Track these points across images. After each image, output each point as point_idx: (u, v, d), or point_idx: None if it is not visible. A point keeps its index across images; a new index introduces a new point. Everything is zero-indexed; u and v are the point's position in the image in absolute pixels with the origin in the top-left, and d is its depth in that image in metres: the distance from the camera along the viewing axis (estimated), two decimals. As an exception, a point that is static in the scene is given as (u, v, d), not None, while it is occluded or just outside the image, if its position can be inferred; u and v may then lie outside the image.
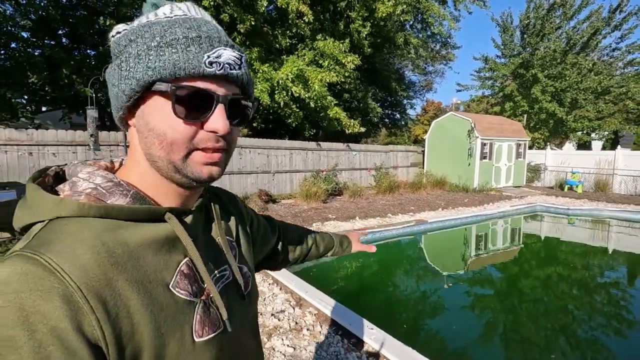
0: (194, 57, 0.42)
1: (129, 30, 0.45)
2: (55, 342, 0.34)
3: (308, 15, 8.66)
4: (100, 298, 0.38)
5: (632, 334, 3.55)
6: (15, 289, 0.34)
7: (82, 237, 0.40)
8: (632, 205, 9.04)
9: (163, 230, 0.47)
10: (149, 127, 0.45)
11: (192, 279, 0.48)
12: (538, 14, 14.66)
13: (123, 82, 0.44)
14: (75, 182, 0.46)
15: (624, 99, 14.42)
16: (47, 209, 0.42)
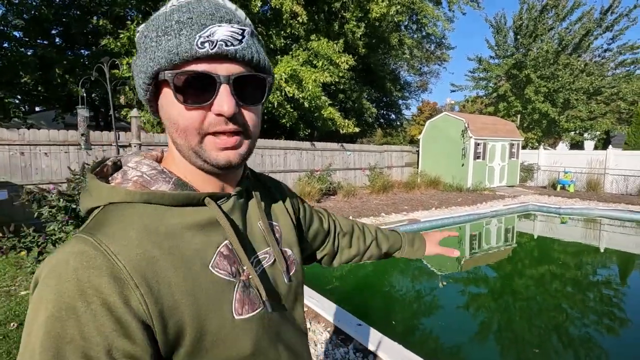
0: (185, 40, 0.42)
1: (145, 26, 0.47)
2: (107, 314, 0.38)
3: (302, 16, 8.69)
4: (144, 276, 0.41)
5: (623, 332, 3.59)
6: (73, 266, 0.39)
7: (129, 221, 0.44)
8: (622, 204, 9.16)
9: (204, 214, 0.49)
10: (166, 117, 0.48)
11: (232, 260, 0.50)
12: (531, 15, 14.80)
13: (137, 77, 0.47)
14: (126, 171, 0.50)
15: (616, 99, 14.59)
16: (102, 195, 0.47)
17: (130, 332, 0.39)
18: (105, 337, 0.38)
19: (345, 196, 9.16)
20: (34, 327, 0.38)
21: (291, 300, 0.60)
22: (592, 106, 14.37)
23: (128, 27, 7.24)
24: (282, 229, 0.63)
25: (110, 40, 7.36)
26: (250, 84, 0.47)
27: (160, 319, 0.41)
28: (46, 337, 0.37)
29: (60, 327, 0.37)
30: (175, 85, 0.44)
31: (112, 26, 8.01)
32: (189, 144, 0.47)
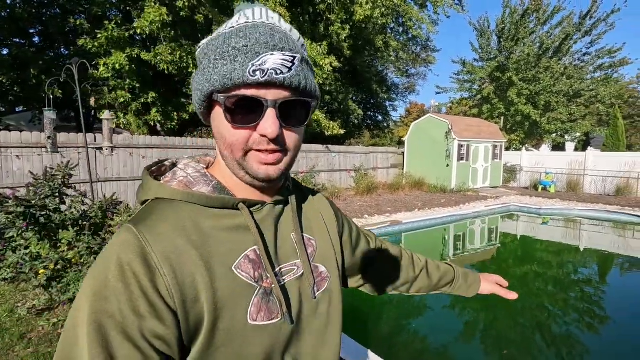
0: (239, 67, 0.46)
1: (204, 45, 0.51)
2: (142, 296, 0.43)
3: (285, 17, 8.66)
4: (172, 267, 0.45)
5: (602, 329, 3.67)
6: (116, 250, 0.45)
7: (167, 216, 0.49)
8: (600, 204, 9.38)
9: (237, 218, 0.53)
10: (216, 131, 0.52)
11: (257, 265, 0.52)
12: (513, 19, 15.07)
13: (194, 93, 0.51)
14: (175, 172, 0.56)
15: (594, 102, 14.96)
16: (151, 190, 0.53)
17: (162, 315, 0.43)
18: (139, 316, 0.42)
19: (329, 198, 9.15)
20: (83, 302, 0.43)
21: (321, 319, 0.59)
22: (572, 109, 14.71)
23: (106, 27, 7.10)
24: (318, 243, 0.63)
25: (87, 41, 7.21)
26: (295, 107, 0.51)
27: (183, 308, 0.45)
28: (91, 311, 0.42)
29: (104, 303, 0.42)
30: (226, 107, 0.48)
31: (90, 26, 7.86)
32: (234, 157, 0.51)
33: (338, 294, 0.64)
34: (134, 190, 6.95)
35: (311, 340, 0.58)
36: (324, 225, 0.66)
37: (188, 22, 8.30)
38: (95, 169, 6.33)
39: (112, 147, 4.02)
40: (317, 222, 0.65)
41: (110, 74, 7.44)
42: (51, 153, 4.01)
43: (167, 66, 7.74)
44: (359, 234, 0.80)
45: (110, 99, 8.25)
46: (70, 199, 2.98)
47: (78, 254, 2.69)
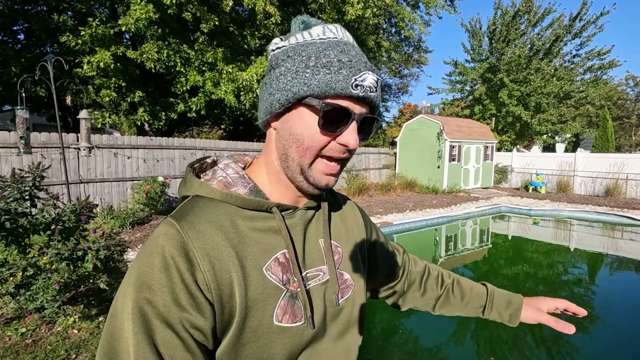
0: (343, 79, 0.48)
1: (288, 47, 0.52)
2: (184, 288, 0.45)
3: (276, 16, 8.55)
4: (211, 263, 0.48)
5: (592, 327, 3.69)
6: (161, 243, 0.47)
7: (207, 214, 0.51)
8: (590, 205, 9.43)
9: (270, 221, 0.54)
10: (290, 132, 0.52)
11: (285, 268, 0.54)
12: (504, 20, 15.14)
13: (279, 92, 0.51)
14: (215, 171, 0.59)
15: (584, 103, 15.09)
16: (193, 187, 0.55)
17: (202, 308, 0.46)
18: (181, 308, 0.45)
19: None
20: (128, 289, 0.45)
21: (341, 325, 0.60)
22: (562, 110, 14.81)
23: (90, 24, 6.91)
24: (344, 251, 0.64)
25: (70, 38, 7.01)
26: (368, 123, 0.54)
27: (220, 302, 0.47)
28: (136, 299, 0.44)
29: (148, 293, 0.44)
30: (323, 112, 0.49)
31: (75, 23, 7.66)
32: (302, 161, 0.52)
33: (361, 302, 0.65)
34: (119, 192, 6.78)
35: (330, 345, 0.59)
36: (352, 233, 0.68)
37: (176, 20, 8.14)
38: (77, 169, 6.15)
39: (89, 148, 3.88)
40: (345, 229, 0.67)
41: (95, 72, 7.25)
42: (23, 154, 3.85)
43: (154, 65, 7.58)
44: (387, 245, 0.80)
45: (91, 100, 8.06)
46: (41, 202, 2.84)
47: (49, 260, 2.56)
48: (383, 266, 0.77)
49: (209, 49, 8.31)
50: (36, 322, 2.68)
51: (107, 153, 6.53)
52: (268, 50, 0.55)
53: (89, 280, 2.79)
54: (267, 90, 0.53)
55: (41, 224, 2.80)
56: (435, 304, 0.84)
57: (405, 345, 3.24)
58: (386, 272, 0.78)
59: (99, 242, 2.62)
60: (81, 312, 2.78)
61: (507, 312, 0.82)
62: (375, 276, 0.77)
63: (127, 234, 5.44)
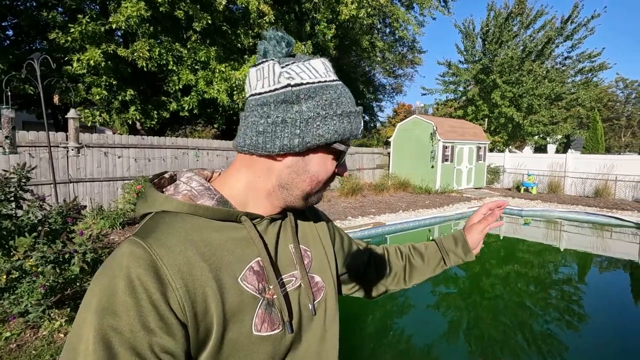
0: (356, 127, 0.56)
1: (308, 87, 0.53)
2: (152, 310, 0.43)
3: (269, 15, 8.51)
4: (183, 279, 0.46)
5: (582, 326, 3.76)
6: (126, 264, 0.44)
7: (175, 229, 0.49)
8: (580, 206, 9.55)
9: (241, 231, 0.54)
10: (306, 169, 0.55)
11: (260, 277, 0.54)
12: (497, 22, 15.26)
13: (309, 136, 0.53)
14: (178, 185, 0.57)
15: (575, 105, 15.27)
16: (157, 203, 0.53)
17: (172, 330, 0.44)
18: (150, 331, 0.42)
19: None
20: (88, 317, 0.42)
21: (317, 329, 0.61)
22: (554, 111, 14.97)
23: (80, 20, 6.80)
24: (313, 255, 0.65)
25: (59, 35, 6.89)
26: None
27: (194, 321, 0.45)
28: (98, 327, 0.41)
29: (112, 319, 0.41)
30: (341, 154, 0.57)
31: (65, 19, 7.53)
32: (312, 190, 0.57)
33: (334, 303, 0.66)
34: (109, 191, 6.69)
35: (309, 349, 0.59)
36: (318, 236, 0.69)
37: (168, 18, 8.05)
38: (67, 169, 6.05)
39: (78, 147, 3.81)
40: (311, 233, 0.68)
41: (85, 70, 7.14)
42: (9, 154, 3.77)
43: (146, 63, 7.49)
44: (350, 242, 0.82)
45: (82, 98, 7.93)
46: (27, 204, 2.78)
47: (35, 263, 2.51)
48: (350, 263, 0.80)
49: (202, 48, 8.24)
50: (21, 326, 2.62)
51: (97, 152, 6.44)
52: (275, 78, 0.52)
53: (76, 283, 2.74)
54: (287, 129, 0.52)
55: (26, 225, 2.74)
56: (404, 276, 0.87)
57: (397, 345, 3.25)
58: (354, 268, 0.81)
59: (86, 244, 2.58)
60: (68, 315, 2.73)
61: (459, 249, 0.87)
62: (344, 274, 0.79)
63: (117, 234, 5.37)
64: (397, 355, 2.39)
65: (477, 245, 0.87)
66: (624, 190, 11.10)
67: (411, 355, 3.02)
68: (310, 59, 0.55)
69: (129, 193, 6.34)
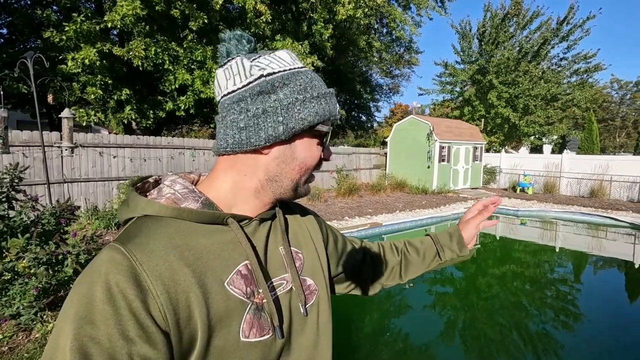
0: (333, 107, 0.56)
1: (282, 74, 0.53)
2: (132, 319, 0.41)
3: (266, 15, 8.48)
4: (165, 286, 0.44)
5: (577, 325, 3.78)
6: (104, 271, 0.43)
7: (157, 233, 0.48)
8: (575, 206, 9.60)
9: (228, 234, 0.53)
10: (294, 157, 0.54)
11: (249, 280, 0.52)
12: (494, 22, 15.31)
13: (292, 121, 0.52)
14: (161, 188, 0.55)
15: (570, 105, 15.36)
16: (138, 207, 0.51)
17: (153, 339, 0.42)
18: (129, 340, 0.41)
19: (310, 199, 9.02)
20: (65, 327, 0.40)
21: (309, 333, 0.59)
22: (550, 112, 15.05)
23: (74, 19, 6.74)
24: (305, 257, 0.64)
25: (54, 33, 6.83)
26: None
27: (177, 328, 0.44)
28: (75, 336, 0.39)
29: (90, 328, 0.40)
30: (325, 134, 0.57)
31: (60, 18, 7.46)
32: (301, 178, 0.56)
33: (327, 306, 0.64)
34: (104, 192, 6.63)
35: (301, 354, 0.58)
36: (310, 238, 0.67)
37: (164, 17, 8.00)
38: (61, 169, 5.99)
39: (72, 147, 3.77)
40: (303, 235, 0.66)
41: (80, 69, 7.08)
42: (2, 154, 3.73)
43: (142, 62, 7.44)
44: (344, 241, 0.81)
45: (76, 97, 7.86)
46: (19, 204, 2.74)
47: (27, 264, 2.47)
48: (345, 263, 0.79)
49: (198, 47, 8.20)
50: (12, 328, 2.58)
51: (91, 152, 6.38)
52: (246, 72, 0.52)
53: (70, 284, 2.70)
54: (270, 118, 0.52)
55: (19, 226, 2.71)
56: (400, 271, 0.86)
57: (394, 345, 3.25)
58: (350, 267, 0.80)
59: (79, 245, 2.54)
60: (61, 317, 2.69)
61: (455, 244, 0.85)
62: (339, 274, 0.78)
63: (112, 235, 5.33)
64: (394, 356, 2.39)
65: (472, 240, 0.86)
66: (619, 190, 11.17)
67: (408, 355, 3.03)
68: (275, 51, 0.56)
69: (124, 193, 6.29)
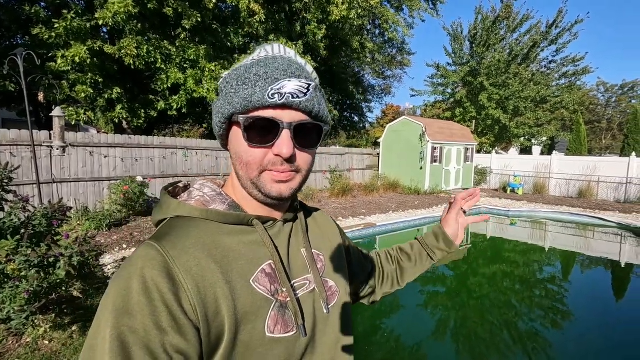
0: (260, 90, 0.50)
1: (228, 74, 0.55)
2: (165, 310, 0.43)
3: (260, 14, 8.44)
4: (195, 281, 0.47)
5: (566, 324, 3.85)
6: (140, 266, 0.45)
7: (188, 232, 0.51)
8: (564, 206, 9.77)
9: (252, 234, 0.55)
10: (233, 151, 0.55)
11: (273, 279, 0.54)
12: (485, 25, 15.50)
13: (215, 116, 0.55)
14: (191, 191, 0.59)
15: (559, 107, 15.64)
16: (171, 209, 0.55)
17: (184, 330, 0.44)
18: (162, 331, 0.43)
19: (303, 200, 9.02)
20: (104, 316, 0.43)
21: (331, 333, 0.60)
22: (539, 114, 15.29)
23: (64, 16, 6.61)
24: (326, 259, 0.65)
25: (43, 30, 6.69)
26: (309, 130, 0.54)
27: (206, 322, 0.46)
28: (114, 326, 0.42)
29: (127, 318, 0.42)
30: (244, 127, 0.51)
31: (47, 14, 7.30)
32: (249, 175, 0.54)
33: (348, 307, 0.65)
34: (95, 192, 6.52)
35: (324, 353, 0.59)
36: (331, 241, 0.69)
37: (157, 15, 7.90)
38: (50, 169, 5.87)
39: (63, 147, 3.69)
40: (323, 238, 0.68)
41: (70, 67, 6.94)
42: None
43: (134, 61, 7.33)
44: (357, 251, 0.82)
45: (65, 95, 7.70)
46: (9, 205, 2.68)
47: (18, 267, 2.41)
48: (360, 269, 0.81)
49: (191, 46, 8.11)
50: (2, 333, 2.52)
51: (82, 152, 6.26)
52: None
53: (62, 287, 2.65)
54: (217, 106, 0.56)
55: (9, 228, 2.64)
56: (397, 278, 0.88)
57: (386, 344, 3.27)
58: (364, 273, 0.82)
59: (72, 247, 2.50)
60: (53, 321, 2.64)
61: (442, 243, 0.87)
62: (356, 280, 0.80)
63: (104, 236, 5.24)
64: (386, 355, 2.40)
65: (457, 235, 0.88)
66: (606, 191, 11.41)
67: (400, 355, 3.05)
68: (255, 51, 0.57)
69: (115, 194, 6.19)
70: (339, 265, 0.67)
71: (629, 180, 10.89)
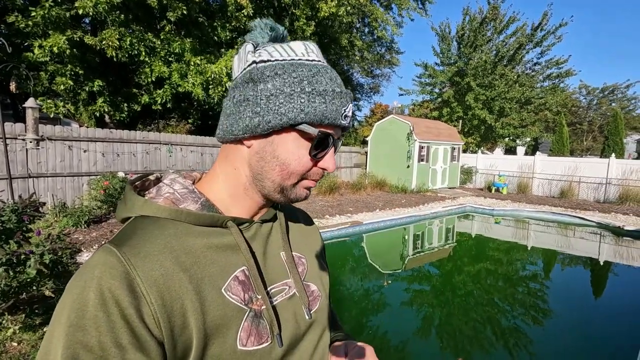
0: (336, 109, 0.49)
1: (276, 63, 0.48)
2: (124, 326, 0.40)
3: (247, 8, 8.31)
4: (160, 292, 0.42)
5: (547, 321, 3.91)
6: (97, 274, 0.41)
7: (153, 236, 0.46)
8: (547, 206, 9.98)
9: (226, 237, 0.50)
10: (274, 155, 0.49)
11: (247, 286, 0.50)
12: (472, 26, 15.68)
13: (271, 115, 0.47)
14: (160, 187, 0.53)
15: (543, 109, 15.97)
16: (136, 207, 0.50)
17: (146, 346, 0.40)
18: (121, 348, 0.39)
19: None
20: (56, 332, 0.40)
21: (315, 338, 0.57)
22: (524, 115, 15.58)
23: (42, 4, 6.36)
24: (308, 261, 0.62)
25: (19, 18, 6.41)
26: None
27: (171, 337, 0.42)
28: (67, 343, 0.38)
29: (82, 335, 0.39)
30: (316, 140, 0.49)
31: (23, 2, 7.01)
32: (285, 182, 0.50)
33: (330, 312, 0.62)
34: (73, 187, 6.31)
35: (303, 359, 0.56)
36: (312, 242, 0.66)
37: (140, 6, 7.68)
38: (25, 163, 5.64)
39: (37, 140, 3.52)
40: (305, 238, 0.65)
41: (48, 57, 6.69)
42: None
43: (116, 53, 7.11)
44: None
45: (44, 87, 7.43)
46: (-24, 200, 2.54)
47: (-16, 264, 2.28)
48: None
49: (176, 39, 7.93)
50: (-33, 334, 2.39)
51: (60, 145, 6.04)
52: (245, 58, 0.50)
53: (32, 286, 2.53)
54: (249, 107, 0.48)
55: (-24, 224, 2.50)
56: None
57: (371, 342, 3.25)
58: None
59: (44, 245, 2.38)
60: (22, 322, 2.51)
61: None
62: None
63: (82, 233, 5.07)
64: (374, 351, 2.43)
65: None
66: (587, 191, 11.71)
67: (385, 352, 3.06)
68: (293, 42, 0.51)
69: (95, 189, 6.00)
70: (321, 268, 0.64)
71: (609, 181, 11.20)
